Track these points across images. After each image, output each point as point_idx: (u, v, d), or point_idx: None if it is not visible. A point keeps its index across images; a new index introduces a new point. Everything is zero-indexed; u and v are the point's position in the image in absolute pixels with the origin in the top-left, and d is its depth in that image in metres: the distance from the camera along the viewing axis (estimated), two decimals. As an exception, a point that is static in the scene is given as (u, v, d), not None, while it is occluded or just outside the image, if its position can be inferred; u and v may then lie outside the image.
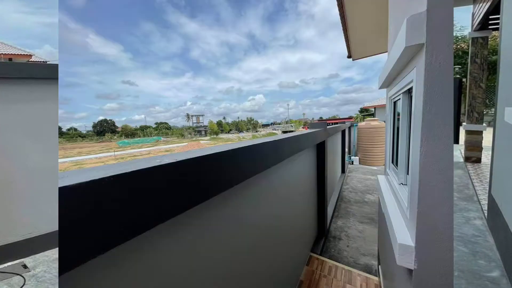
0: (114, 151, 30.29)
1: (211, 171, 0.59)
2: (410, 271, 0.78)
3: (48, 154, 2.13)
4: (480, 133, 5.00)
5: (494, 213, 2.36)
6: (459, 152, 6.03)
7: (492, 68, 9.58)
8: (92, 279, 0.39)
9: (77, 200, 0.32)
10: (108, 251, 0.36)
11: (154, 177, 0.43)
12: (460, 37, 14.78)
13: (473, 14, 4.97)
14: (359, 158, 7.51)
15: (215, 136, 61.24)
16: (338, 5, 2.56)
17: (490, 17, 4.35)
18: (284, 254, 1.45)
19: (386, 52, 2.04)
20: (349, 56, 3.96)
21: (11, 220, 2.00)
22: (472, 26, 4.98)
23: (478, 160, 5.00)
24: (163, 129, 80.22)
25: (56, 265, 1.92)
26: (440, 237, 0.68)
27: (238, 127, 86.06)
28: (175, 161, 0.48)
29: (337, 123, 6.58)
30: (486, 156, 5.26)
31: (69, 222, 0.32)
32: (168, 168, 0.46)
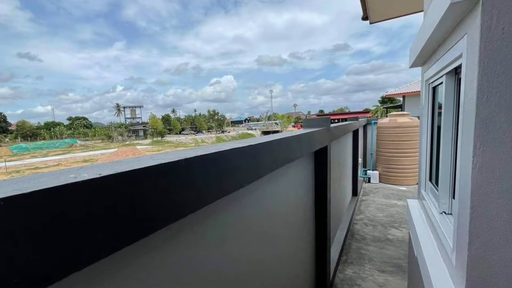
0: (5, 161, 31.12)
1: (153, 193, 0.62)
2: None
3: None
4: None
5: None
6: None
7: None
8: None
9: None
10: None
11: (66, 201, 0.45)
12: None
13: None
14: (379, 173, 7.92)
15: (159, 138, 63.70)
16: None
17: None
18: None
19: (421, 11, 2.15)
20: (364, 18, 4.13)
21: None
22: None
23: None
24: (80, 128, 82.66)
25: None
26: (502, 294, 0.71)
27: (195, 125, 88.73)
28: (98, 176, 0.50)
29: (346, 120, 6.83)
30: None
31: None
32: (87, 187, 0.48)
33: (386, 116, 8.57)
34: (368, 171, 8.04)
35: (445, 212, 1.18)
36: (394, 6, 3.85)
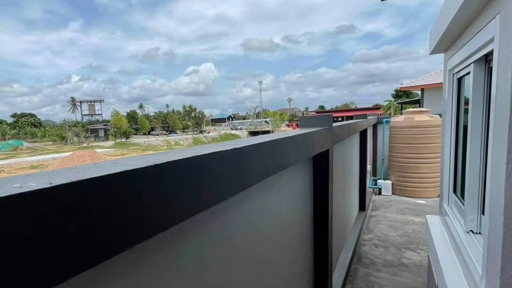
0: None
1: (116, 207, 0.63)
2: None
3: None
4: None
5: None
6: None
7: None
8: None
9: None
10: None
11: (8, 217, 0.45)
12: None
13: None
14: (392, 184, 8.04)
15: (124, 140, 65.28)
16: None
17: None
18: None
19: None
20: (376, -5, 4.18)
21: None
22: None
23: None
24: (27, 127, 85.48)
25: None
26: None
27: (167, 123, 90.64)
28: (49, 186, 0.51)
29: (351, 118, 6.91)
30: None
31: None
32: (35, 199, 0.49)
33: (401, 114, 8.72)
34: (378, 181, 8.18)
35: (472, 231, 1.20)
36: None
